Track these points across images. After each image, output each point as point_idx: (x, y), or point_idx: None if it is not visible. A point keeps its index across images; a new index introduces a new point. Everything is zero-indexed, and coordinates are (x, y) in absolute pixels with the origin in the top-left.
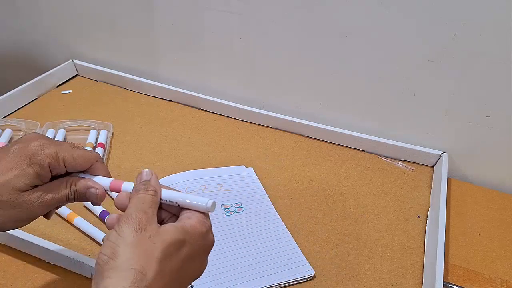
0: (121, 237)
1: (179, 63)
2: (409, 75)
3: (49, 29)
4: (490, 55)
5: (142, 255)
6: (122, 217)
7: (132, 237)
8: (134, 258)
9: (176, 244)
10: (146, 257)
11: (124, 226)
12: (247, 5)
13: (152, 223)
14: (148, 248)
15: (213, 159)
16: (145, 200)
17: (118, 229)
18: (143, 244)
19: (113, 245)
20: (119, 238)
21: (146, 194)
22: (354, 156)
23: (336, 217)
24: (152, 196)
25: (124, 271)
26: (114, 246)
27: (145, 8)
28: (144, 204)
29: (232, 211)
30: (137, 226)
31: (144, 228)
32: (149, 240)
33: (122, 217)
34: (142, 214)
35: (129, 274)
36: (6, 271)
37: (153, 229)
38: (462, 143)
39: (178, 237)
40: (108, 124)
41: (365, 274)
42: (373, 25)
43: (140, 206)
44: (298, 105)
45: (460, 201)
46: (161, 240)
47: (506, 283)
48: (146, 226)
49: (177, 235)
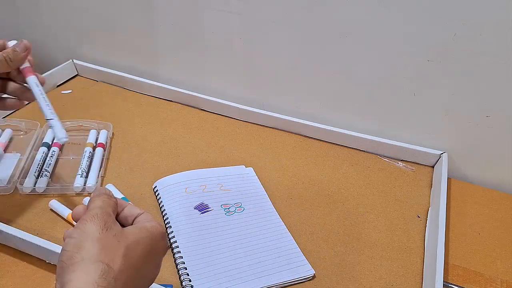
0: (86, 233)
1: (179, 63)
2: (409, 75)
3: (49, 29)
4: (490, 55)
5: (108, 250)
6: (87, 215)
7: (98, 234)
8: (101, 252)
9: (139, 242)
10: (113, 251)
11: (89, 223)
12: (247, 5)
13: (116, 224)
14: (114, 245)
15: (213, 159)
16: (110, 204)
17: (83, 227)
18: (108, 241)
19: (78, 241)
20: (84, 234)
21: (110, 200)
22: (354, 156)
23: (336, 217)
24: (114, 203)
25: (92, 264)
26: (78, 242)
27: (145, 8)
28: (109, 208)
29: (232, 211)
30: (103, 225)
31: (110, 227)
32: (114, 238)
33: (87, 215)
34: (107, 215)
35: (97, 266)
36: (6, 271)
37: (118, 229)
38: (462, 143)
39: (141, 236)
40: (108, 124)
41: (365, 274)
42: (373, 25)
43: (106, 208)
44: (298, 105)
45: (460, 201)
46: (125, 239)
47: (506, 283)
48: (111, 226)
49: (139, 235)
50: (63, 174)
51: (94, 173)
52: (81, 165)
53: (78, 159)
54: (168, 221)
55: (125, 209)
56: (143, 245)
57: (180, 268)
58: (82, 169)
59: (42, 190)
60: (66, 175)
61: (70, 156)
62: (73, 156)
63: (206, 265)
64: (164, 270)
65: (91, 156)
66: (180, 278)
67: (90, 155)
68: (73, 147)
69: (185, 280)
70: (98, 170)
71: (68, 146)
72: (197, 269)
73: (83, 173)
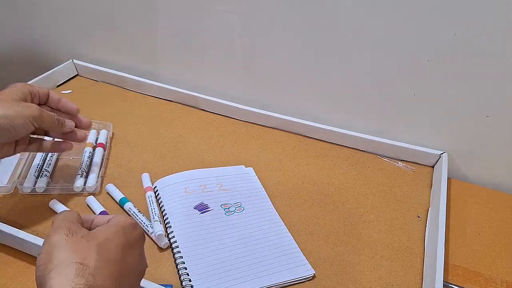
0: (53, 244)
1: (179, 63)
2: (409, 75)
3: (49, 29)
4: (490, 55)
5: (79, 251)
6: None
7: (64, 240)
8: (72, 254)
9: (109, 238)
10: (84, 251)
11: (53, 235)
12: (247, 5)
13: (81, 228)
14: (84, 245)
15: (213, 159)
16: (72, 214)
17: (48, 241)
18: (78, 243)
19: (48, 253)
20: (51, 246)
21: (71, 212)
22: (354, 156)
23: (336, 217)
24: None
25: (65, 267)
26: (48, 253)
27: (145, 8)
28: (71, 217)
29: (232, 211)
30: (67, 232)
31: (75, 232)
32: (82, 239)
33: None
34: (70, 223)
35: (71, 268)
36: (6, 271)
37: (85, 231)
38: (462, 143)
39: (111, 232)
40: (108, 124)
41: (365, 274)
42: (373, 25)
43: (68, 218)
44: (298, 105)
45: (460, 201)
46: (94, 238)
47: (506, 283)
48: (76, 230)
49: (109, 232)
50: (63, 174)
51: (94, 173)
52: (81, 165)
53: (78, 159)
54: (168, 221)
55: (94, 220)
56: (115, 240)
57: (180, 268)
58: (82, 169)
59: (42, 190)
60: (66, 175)
61: (70, 156)
62: (73, 156)
63: (206, 265)
64: (164, 270)
65: (91, 156)
66: (180, 278)
67: (90, 155)
68: None
69: (185, 280)
70: (98, 170)
71: None
72: (197, 269)
73: (83, 173)
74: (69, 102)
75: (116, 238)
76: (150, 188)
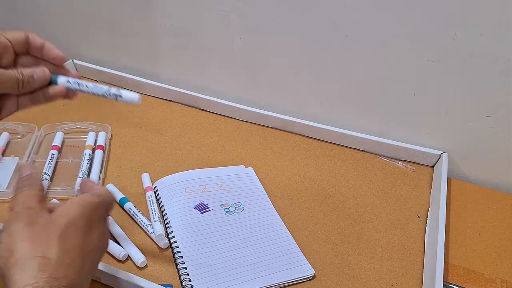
0: (13, 235)
1: (179, 63)
2: (409, 75)
3: (49, 29)
4: (490, 55)
5: (40, 243)
6: (10, 215)
7: (26, 232)
8: (33, 248)
9: (71, 222)
10: (45, 243)
11: (13, 225)
12: (247, 5)
13: (41, 215)
14: (44, 236)
15: (213, 159)
16: (31, 195)
17: (8, 229)
18: (38, 234)
19: (8, 245)
20: (11, 237)
21: (31, 190)
22: (354, 156)
23: (336, 217)
24: (38, 190)
25: (27, 262)
26: (9, 245)
27: (145, 8)
28: (31, 201)
29: (232, 211)
30: (26, 222)
31: (34, 221)
32: (42, 229)
33: (10, 215)
34: (29, 210)
35: (32, 263)
36: None
37: (45, 219)
38: (462, 143)
39: (72, 214)
40: (107, 125)
41: (365, 274)
42: (373, 25)
43: (27, 203)
44: (299, 105)
45: (460, 201)
46: (56, 225)
47: (506, 283)
48: (36, 219)
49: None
50: (63, 177)
51: (94, 176)
52: (82, 168)
53: (77, 161)
54: (168, 221)
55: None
56: (76, 222)
57: (180, 268)
58: (82, 171)
59: None
60: (66, 178)
61: (69, 159)
62: (72, 158)
63: (206, 265)
64: (164, 270)
65: (91, 158)
66: (180, 278)
67: (90, 157)
68: (72, 149)
69: (185, 280)
70: (98, 173)
71: (67, 148)
72: (197, 269)
73: (84, 175)
74: (53, 48)
75: (77, 220)
76: (150, 188)
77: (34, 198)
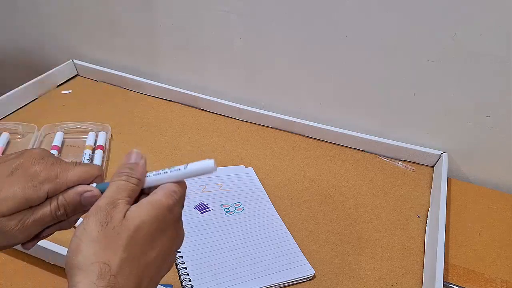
0: (86, 232)
1: (179, 63)
2: (409, 75)
3: (49, 29)
4: (490, 55)
5: (105, 248)
6: (93, 207)
7: (97, 232)
8: (97, 252)
9: (141, 226)
10: (110, 248)
11: (91, 219)
12: (247, 5)
13: (119, 212)
14: (112, 240)
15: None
16: (125, 188)
17: (86, 223)
18: (106, 237)
19: (78, 241)
20: (84, 233)
21: (128, 182)
22: (354, 156)
23: (336, 217)
24: (133, 185)
25: (88, 267)
26: (78, 242)
27: (145, 8)
28: (120, 194)
29: (232, 211)
30: (103, 219)
31: (109, 221)
32: (113, 231)
33: (93, 207)
34: (110, 206)
35: (93, 268)
36: (6, 271)
37: (118, 220)
38: (462, 143)
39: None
40: (107, 125)
41: (365, 274)
42: (373, 25)
43: (116, 195)
44: (298, 105)
45: (460, 201)
46: (126, 229)
47: (506, 283)
48: (112, 218)
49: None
50: None
51: None
52: None
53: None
54: None
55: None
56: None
57: (180, 268)
58: None
59: None
60: None
61: (70, 159)
62: (72, 158)
63: (206, 265)
64: None
65: (91, 158)
66: (180, 278)
67: (90, 157)
68: (72, 149)
69: (185, 280)
70: None
71: (67, 148)
72: (197, 269)
73: None
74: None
75: (148, 224)
76: None
77: (125, 192)
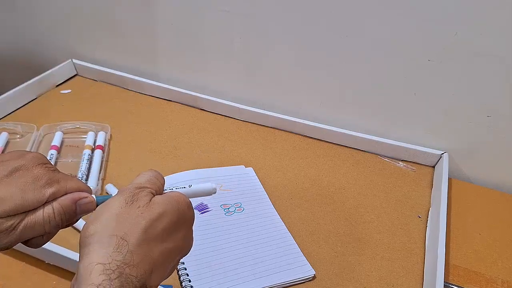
0: (109, 206)
1: (179, 63)
2: (409, 75)
3: (49, 29)
4: (490, 55)
5: (126, 222)
6: (120, 190)
7: (120, 208)
8: (117, 226)
9: (164, 212)
10: (130, 225)
11: (115, 197)
12: (247, 5)
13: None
14: (134, 218)
15: (213, 159)
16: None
17: (109, 201)
18: (129, 215)
19: (98, 214)
20: (106, 207)
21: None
22: (354, 156)
23: (336, 217)
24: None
25: (105, 238)
26: (98, 214)
27: (145, 8)
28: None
29: (232, 211)
30: (129, 198)
31: (135, 201)
32: (137, 210)
33: (120, 190)
34: (139, 190)
35: (111, 241)
36: (6, 271)
37: (143, 203)
38: (463, 143)
39: (168, 206)
40: (106, 125)
41: (365, 275)
42: (374, 24)
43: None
44: (298, 105)
45: (461, 201)
46: (150, 212)
47: (507, 284)
48: (138, 200)
49: (167, 205)
50: None
51: (94, 176)
52: (81, 168)
53: (76, 161)
54: None
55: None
56: (168, 215)
57: (180, 269)
58: (82, 172)
59: None
60: None
61: (69, 159)
62: (71, 158)
63: (206, 266)
64: None
65: (90, 158)
66: (180, 278)
67: (89, 157)
68: (71, 149)
69: (185, 280)
70: (98, 173)
71: (67, 148)
72: (197, 269)
73: (83, 176)
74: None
75: (170, 214)
76: None
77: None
